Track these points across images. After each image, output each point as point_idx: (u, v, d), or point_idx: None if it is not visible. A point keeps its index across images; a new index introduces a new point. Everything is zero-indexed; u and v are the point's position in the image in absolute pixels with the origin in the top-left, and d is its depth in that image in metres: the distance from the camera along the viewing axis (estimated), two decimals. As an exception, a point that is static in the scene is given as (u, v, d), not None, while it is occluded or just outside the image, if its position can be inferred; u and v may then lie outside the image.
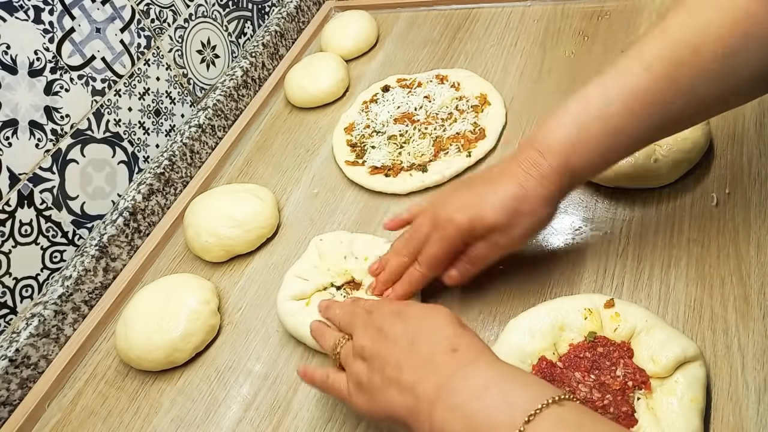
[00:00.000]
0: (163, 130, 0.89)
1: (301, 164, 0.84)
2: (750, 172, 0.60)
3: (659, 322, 0.50)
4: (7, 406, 0.65)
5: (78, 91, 0.77)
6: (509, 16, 0.94)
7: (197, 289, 0.67)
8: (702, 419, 0.45)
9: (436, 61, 0.92)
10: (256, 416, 0.58)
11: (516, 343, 0.51)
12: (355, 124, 0.84)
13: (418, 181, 0.73)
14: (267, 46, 1.02)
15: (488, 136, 0.75)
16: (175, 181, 0.86)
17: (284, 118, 0.94)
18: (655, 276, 0.56)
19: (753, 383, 0.47)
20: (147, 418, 0.62)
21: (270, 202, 0.76)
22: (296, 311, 0.61)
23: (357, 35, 0.99)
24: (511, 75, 0.84)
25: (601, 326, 0.51)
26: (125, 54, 0.83)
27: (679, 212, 0.60)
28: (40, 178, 0.73)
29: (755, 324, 0.50)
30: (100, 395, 0.66)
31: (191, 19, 0.93)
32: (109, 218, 0.79)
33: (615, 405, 0.46)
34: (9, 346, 0.66)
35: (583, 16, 0.88)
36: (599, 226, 0.62)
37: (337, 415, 0.56)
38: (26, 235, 0.71)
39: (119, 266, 0.78)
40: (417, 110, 0.82)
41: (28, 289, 0.72)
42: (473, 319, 0.59)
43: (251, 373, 0.62)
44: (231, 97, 0.95)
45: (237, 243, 0.72)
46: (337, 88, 0.92)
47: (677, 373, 0.47)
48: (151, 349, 0.63)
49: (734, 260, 0.54)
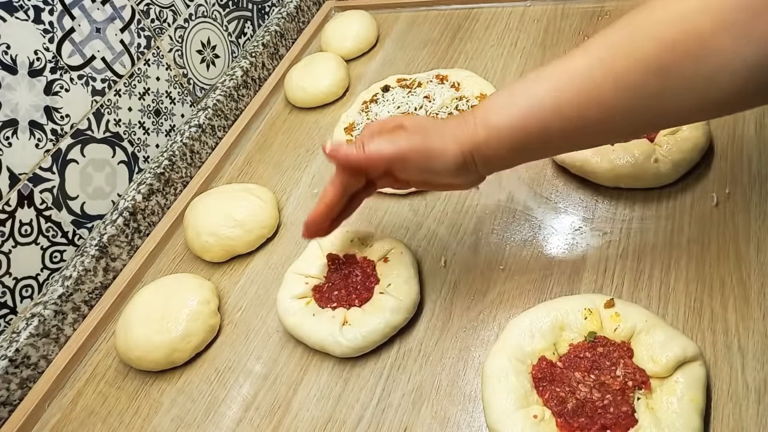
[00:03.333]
0: (163, 130, 0.89)
1: (301, 164, 0.84)
2: (750, 172, 0.60)
3: (659, 322, 0.50)
4: (7, 406, 0.66)
5: (78, 91, 0.77)
6: (509, 16, 0.94)
7: (197, 289, 0.67)
8: (702, 419, 0.45)
9: (436, 61, 0.92)
10: (256, 416, 0.58)
11: (516, 343, 0.51)
12: (355, 124, 0.84)
13: (418, 181, 0.73)
14: (267, 46, 1.02)
15: (488, 136, 0.75)
16: (175, 181, 0.86)
17: (284, 118, 0.94)
18: (655, 276, 0.56)
19: (753, 383, 0.47)
20: (147, 418, 0.62)
21: (270, 202, 0.76)
22: (296, 311, 0.61)
23: (357, 35, 0.99)
24: (511, 75, 0.84)
25: (601, 326, 0.51)
26: (125, 54, 0.83)
27: (679, 212, 0.60)
28: (40, 178, 0.73)
29: (755, 324, 0.50)
30: (100, 395, 0.66)
31: (191, 19, 0.93)
32: (109, 218, 0.79)
33: (615, 405, 0.46)
34: (9, 346, 0.66)
35: (583, 16, 0.88)
36: (599, 226, 0.62)
37: (337, 415, 0.56)
38: (26, 235, 0.71)
39: (119, 266, 0.78)
40: (417, 110, 0.82)
41: (28, 289, 0.72)
42: (473, 319, 0.59)
43: (251, 373, 0.62)
44: (231, 97, 0.95)
45: (237, 243, 0.72)
46: (337, 88, 0.92)
47: (677, 373, 0.47)
48: (151, 350, 0.63)
49: (734, 260, 0.54)
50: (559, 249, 0.61)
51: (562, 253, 0.61)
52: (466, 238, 0.66)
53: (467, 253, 0.64)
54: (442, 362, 0.57)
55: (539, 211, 0.65)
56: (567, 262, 0.60)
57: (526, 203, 0.67)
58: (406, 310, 0.59)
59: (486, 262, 0.63)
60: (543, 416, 0.47)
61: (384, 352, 0.59)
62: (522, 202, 0.67)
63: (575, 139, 0.48)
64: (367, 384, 0.57)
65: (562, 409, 0.47)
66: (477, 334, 0.58)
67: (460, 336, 0.58)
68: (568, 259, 0.60)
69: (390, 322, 0.58)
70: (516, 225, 0.65)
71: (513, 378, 0.49)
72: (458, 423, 0.52)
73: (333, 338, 0.58)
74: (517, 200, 0.67)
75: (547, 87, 0.46)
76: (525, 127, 0.47)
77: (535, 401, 0.48)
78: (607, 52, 0.44)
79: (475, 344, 0.57)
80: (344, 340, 0.57)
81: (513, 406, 0.48)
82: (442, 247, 0.66)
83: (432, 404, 0.54)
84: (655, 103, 0.43)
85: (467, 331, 0.58)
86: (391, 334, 0.58)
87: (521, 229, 0.65)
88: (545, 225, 0.64)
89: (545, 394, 0.49)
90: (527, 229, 0.64)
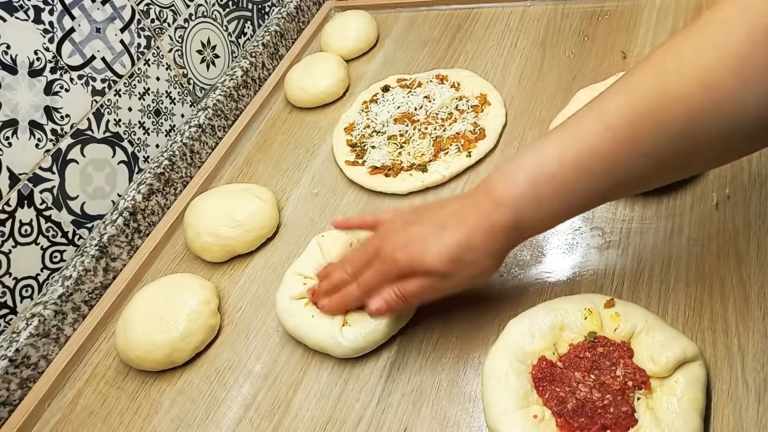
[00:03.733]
0: (163, 130, 0.89)
1: (301, 164, 0.84)
2: (750, 172, 0.60)
3: (659, 322, 0.50)
4: (7, 406, 0.65)
5: (78, 91, 0.77)
6: (509, 16, 0.94)
7: (197, 289, 0.67)
8: (702, 419, 0.45)
9: (436, 61, 0.92)
10: (256, 416, 0.58)
11: (516, 343, 0.51)
12: (355, 124, 0.84)
13: (418, 181, 0.73)
14: (267, 46, 1.02)
15: (488, 136, 0.75)
16: (175, 181, 0.86)
17: (284, 118, 0.94)
18: (655, 276, 0.56)
19: (753, 383, 0.47)
20: (147, 418, 0.62)
21: (270, 202, 0.76)
22: (296, 311, 0.61)
23: (357, 35, 0.99)
24: (511, 75, 0.84)
25: (601, 326, 0.51)
26: (125, 54, 0.83)
27: (679, 212, 0.60)
28: (40, 178, 0.73)
29: (755, 324, 0.50)
30: (100, 395, 0.66)
31: (191, 19, 0.93)
32: (109, 218, 0.79)
33: (615, 405, 0.46)
34: (9, 346, 0.66)
35: (583, 16, 0.88)
36: (599, 226, 0.62)
37: (337, 415, 0.56)
38: (26, 235, 0.71)
39: (119, 266, 0.78)
40: (417, 110, 0.82)
41: (28, 289, 0.72)
42: (473, 319, 0.59)
43: (251, 373, 0.62)
44: (231, 97, 0.95)
45: (237, 243, 0.72)
46: (337, 88, 0.92)
47: (677, 373, 0.47)
48: (151, 349, 0.63)
49: (734, 260, 0.54)
50: (559, 249, 0.61)
51: (562, 253, 0.61)
52: (466, 238, 0.66)
53: (467, 253, 0.64)
54: (442, 362, 0.57)
55: (539, 211, 0.65)
56: (567, 262, 0.60)
57: (526, 203, 0.67)
58: (406, 310, 0.59)
59: (486, 262, 0.63)
60: (543, 416, 0.47)
61: (384, 352, 0.59)
62: (522, 202, 0.67)
63: (604, 196, 0.48)
64: (367, 384, 0.57)
65: (562, 409, 0.47)
66: (477, 334, 0.58)
67: (460, 336, 0.58)
68: (568, 259, 0.60)
69: (390, 322, 0.58)
70: (516, 225, 0.65)
71: (513, 378, 0.49)
72: (458, 423, 0.52)
73: (333, 339, 0.58)
74: (517, 200, 0.67)
75: (569, 152, 0.46)
76: (568, 191, 0.46)
77: (535, 401, 0.48)
78: (628, 118, 0.43)
79: (475, 344, 0.57)
80: (344, 340, 0.57)
81: (513, 406, 0.48)
82: (442, 247, 0.66)
83: (432, 404, 0.54)
84: (681, 162, 0.44)
85: (467, 331, 0.58)
86: (391, 334, 0.58)
87: (521, 229, 0.64)
88: (545, 225, 0.64)
89: (545, 394, 0.49)
90: (527, 229, 0.64)
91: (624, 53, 0.79)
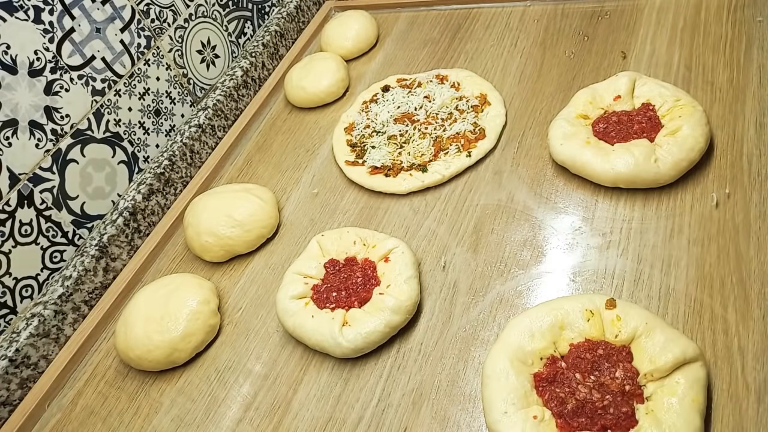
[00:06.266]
0: (163, 130, 0.89)
1: (301, 164, 0.84)
2: (750, 172, 0.60)
3: (659, 323, 0.50)
4: (7, 406, 0.66)
5: (78, 91, 0.77)
6: (509, 16, 0.94)
7: (197, 289, 0.67)
8: (702, 419, 0.45)
9: (436, 61, 0.92)
10: (256, 416, 0.58)
11: (516, 343, 0.51)
12: (355, 124, 0.84)
13: (418, 181, 0.73)
14: (267, 46, 1.02)
15: (488, 136, 0.75)
16: (175, 181, 0.86)
17: (284, 118, 0.94)
18: (655, 276, 0.56)
19: (753, 383, 0.47)
20: (147, 418, 0.62)
21: (270, 202, 0.76)
22: (296, 311, 0.61)
23: (357, 35, 0.99)
24: (511, 75, 0.84)
25: (603, 332, 0.51)
26: (125, 54, 0.83)
27: (679, 212, 0.60)
28: (40, 178, 0.73)
29: (755, 324, 0.50)
30: (100, 395, 0.66)
31: (191, 19, 0.93)
32: (109, 218, 0.79)
33: (615, 405, 0.46)
34: (9, 346, 0.66)
35: (583, 16, 0.88)
36: (599, 226, 0.62)
37: (337, 415, 0.56)
38: (26, 235, 0.71)
39: (119, 266, 0.78)
40: (417, 110, 0.82)
41: (28, 289, 0.72)
42: (473, 319, 0.59)
43: (251, 373, 0.62)
44: (231, 97, 0.95)
45: (237, 243, 0.72)
46: (337, 88, 0.92)
47: (678, 373, 0.47)
48: (151, 349, 0.63)
49: (734, 260, 0.54)
50: (559, 249, 0.61)
51: (562, 253, 0.61)
52: (466, 238, 0.66)
53: (467, 253, 0.64)
54: (442, 362, 0.57)
55: (539, 211, 0.65)
56: (567, 262, 0.60)
57: (526, 203, 0.67)
58: (406, 310, 0.59)
59: (486, 262, 0.63)
60: (543, 417, 0.47)
61: (384, 352, 0.59)
62: (522, 202, 0.67)
63: None
64: (367, 384, 0.57)
65: (562, 409, 0.47)
66: (477, 334, 0.58)
67: (460, 336, 0.58)
68: (568, 259, 0.60)
69: (390, 323, 0.58)
70: (516, 225, 0.65)
71: (513, 378, 0.49)
72: (458, 423, 0.52)
73: (333, 339, 0.58)
74: (517, 200, 0.67)
75: None
76: None
77: (534, 401, 0.48)
78: None
79: (475, 344, 0.57)
80: (344, 340, 0.57)
81: (513, 407, 0.48)
82: (442, 247, 0.66)
83: (432, 404, 0.54)
84: None
85: (467, 331, 0.58)
86: (391, 334, 0.58)
87: (521, 229, 0.65)
88: (545, 225, 0.64)
89: (545, 394, 0.49)
90: (527, 229, 0.64)
91: (624, 53, 0.79)
